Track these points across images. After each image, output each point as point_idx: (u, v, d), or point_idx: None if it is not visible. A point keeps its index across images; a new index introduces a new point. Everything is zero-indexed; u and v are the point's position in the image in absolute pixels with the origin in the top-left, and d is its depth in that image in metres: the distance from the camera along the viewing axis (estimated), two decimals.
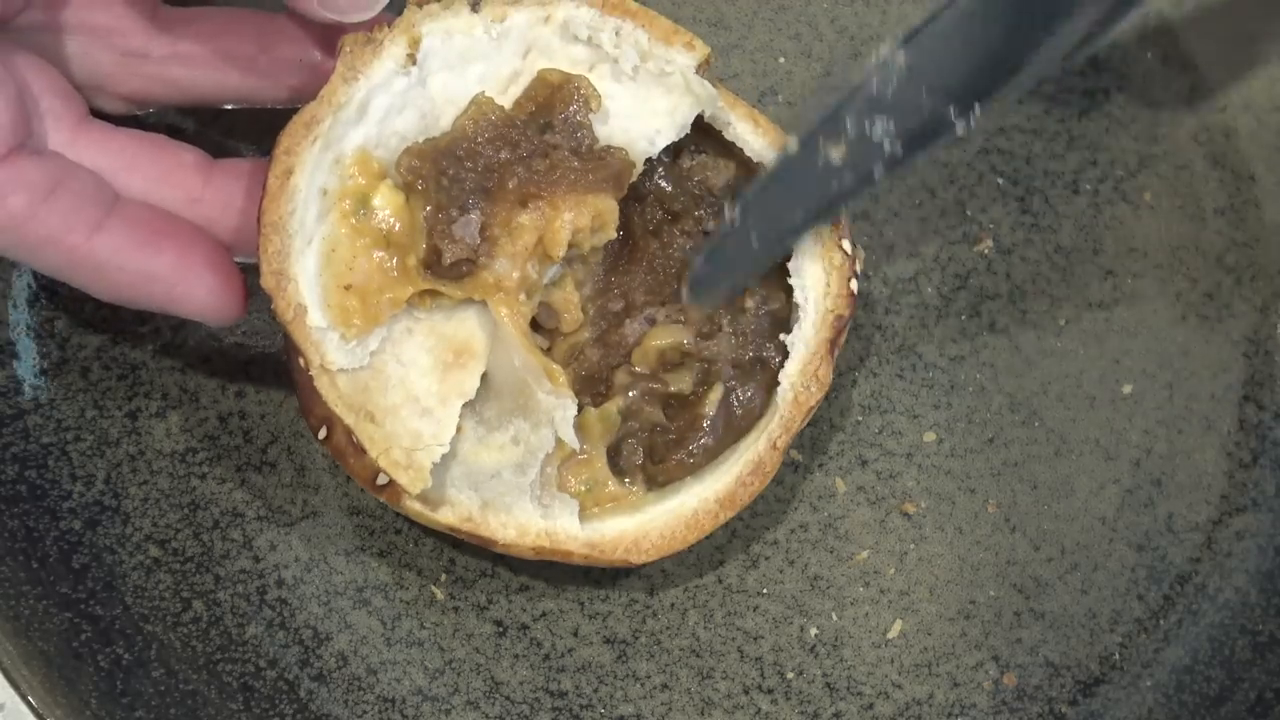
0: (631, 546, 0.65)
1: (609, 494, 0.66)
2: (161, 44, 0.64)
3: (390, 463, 0.61)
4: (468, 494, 0.64)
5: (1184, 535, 0.74)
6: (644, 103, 0.67)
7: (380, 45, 0.63)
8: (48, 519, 0.67)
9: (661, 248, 0.68)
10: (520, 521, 0.64)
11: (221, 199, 0.64)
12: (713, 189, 0.69)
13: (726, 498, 0.66)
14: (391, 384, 0.62)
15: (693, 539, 0.66)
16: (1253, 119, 0.79)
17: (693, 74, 0.66)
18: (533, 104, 0.65)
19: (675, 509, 0.66)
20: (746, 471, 0.66)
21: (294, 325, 0.61)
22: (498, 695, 0.69)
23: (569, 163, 0.63)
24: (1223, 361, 0.76)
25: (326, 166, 0.62)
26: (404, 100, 0.64)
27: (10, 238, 0.59)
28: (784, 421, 0.66)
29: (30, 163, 0.59)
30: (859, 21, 0.80)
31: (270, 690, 0.68)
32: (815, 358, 0.67)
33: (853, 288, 0.67)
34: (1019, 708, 0.71)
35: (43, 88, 0.61)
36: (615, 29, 0.66)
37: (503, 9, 0.65)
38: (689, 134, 0.67)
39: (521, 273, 0.63)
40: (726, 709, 0.70)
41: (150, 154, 0.64)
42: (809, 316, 0.67)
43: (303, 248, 0.61)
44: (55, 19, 0.63)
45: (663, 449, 0.66)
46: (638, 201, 0.68)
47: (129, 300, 0.63)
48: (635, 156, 0.65)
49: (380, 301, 0.62)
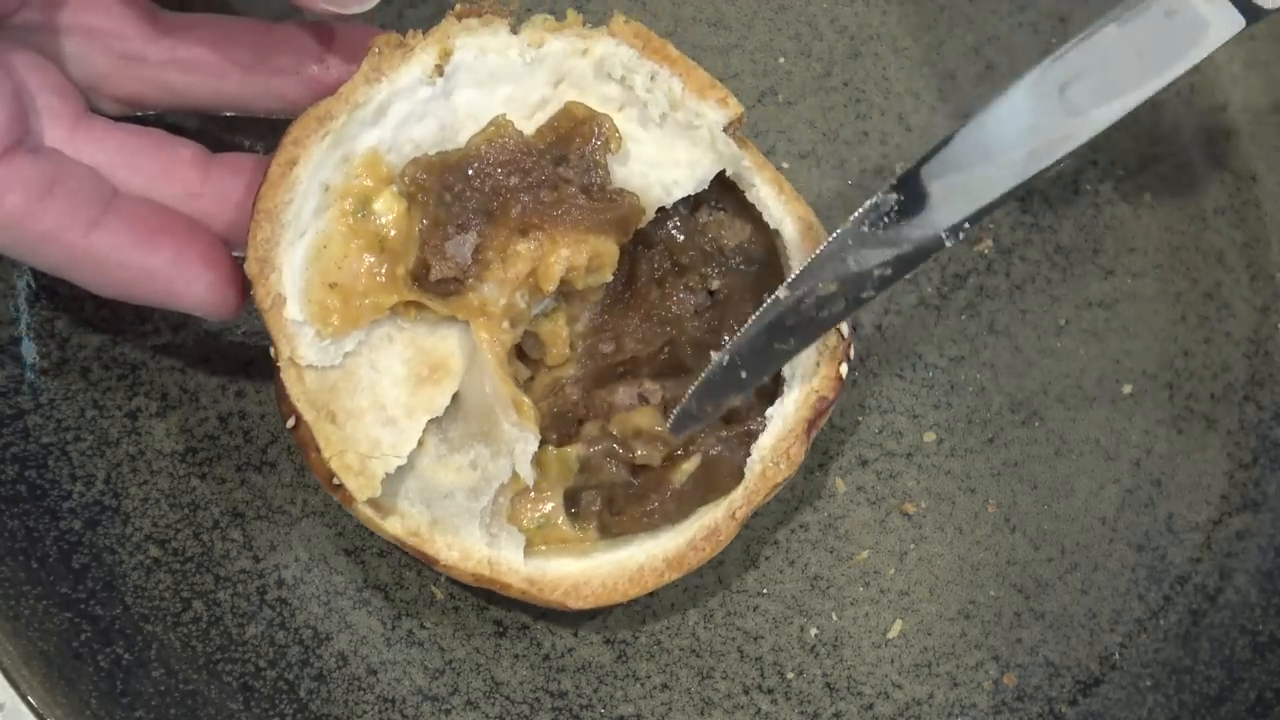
0: (571, 590, 0.64)
1: (559, 534, 0.66)
2: (159, 49, 0.64)
3: (342, 465, 0.61)
4: (419, 509, 0.63)
5: (1184, 535, 0.74)
6: (667, 152, 0.66)
7: (410, 51, 0.63)
8: (48, 519, 0.67)
9: (662, 298, 0.68)
10: (465, 545, 0.63)
11: (220, 194, 0.64)
12: (724, 248, 0.68)
13: (675, 559, 0.65)
14: (361, 388, 0.62)
15: (633, 593, 0.65)
16: (1253, 119, 0.79)
17: (720, 131, 0.66)
18: (553, 134, 0.64)
19: (622, 561, 0.65)
20: (700, 536, 0.65)
21: (270, 314, 0.61)
22: (498, 695, 0.69)
23: (576, 199, 0.63)
24: (1223, 361, 0.76)
25: (333, 163, 0.62)
26: (425, 109, 0.64)
27: (8, 235, 0.59)
28: (747, 494, 0.65)
29: (27, 160, 0.59)
30: (859, 21, 0.80)
31: (270, 690, 0.68)
32: (791, 435, 0.66)
33: (842, 372, 0.66)
34: (1019, 708, 0.71)
35: (40, 84, 0.61)
36: (651, 73, 0.66)
37: (542, 35, 0.65)
38: (711, 188, 0.67)
39: (508, 300, 0.63)
40: (726, 709, 0.70)
41: (148, 149, 0.64)
42: (793, 393, 0.66)
43: (294, 239, 0.61)
44: (52, 19, 0.63)
45: (622, 501, 0.65)
46: (647, 247, 0.68)
47: (128, 296, 0.63)
48: (648, 204, 0.65)
49: (362, 305, 0.62)
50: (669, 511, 0.65)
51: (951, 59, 0.79)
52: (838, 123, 0.78)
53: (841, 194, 0.77)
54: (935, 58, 0.79)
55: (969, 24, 0.80)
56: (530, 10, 0.77)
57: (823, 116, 0.78)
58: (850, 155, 0.77)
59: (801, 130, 0.77)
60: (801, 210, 0.67)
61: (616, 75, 0.65)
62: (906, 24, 0.79)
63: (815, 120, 0.78)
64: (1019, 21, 0.80)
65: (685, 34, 0.78)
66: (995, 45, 0.79)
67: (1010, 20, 0.80)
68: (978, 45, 0.79)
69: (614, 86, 0.66)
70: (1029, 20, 0.80)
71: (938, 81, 0.79)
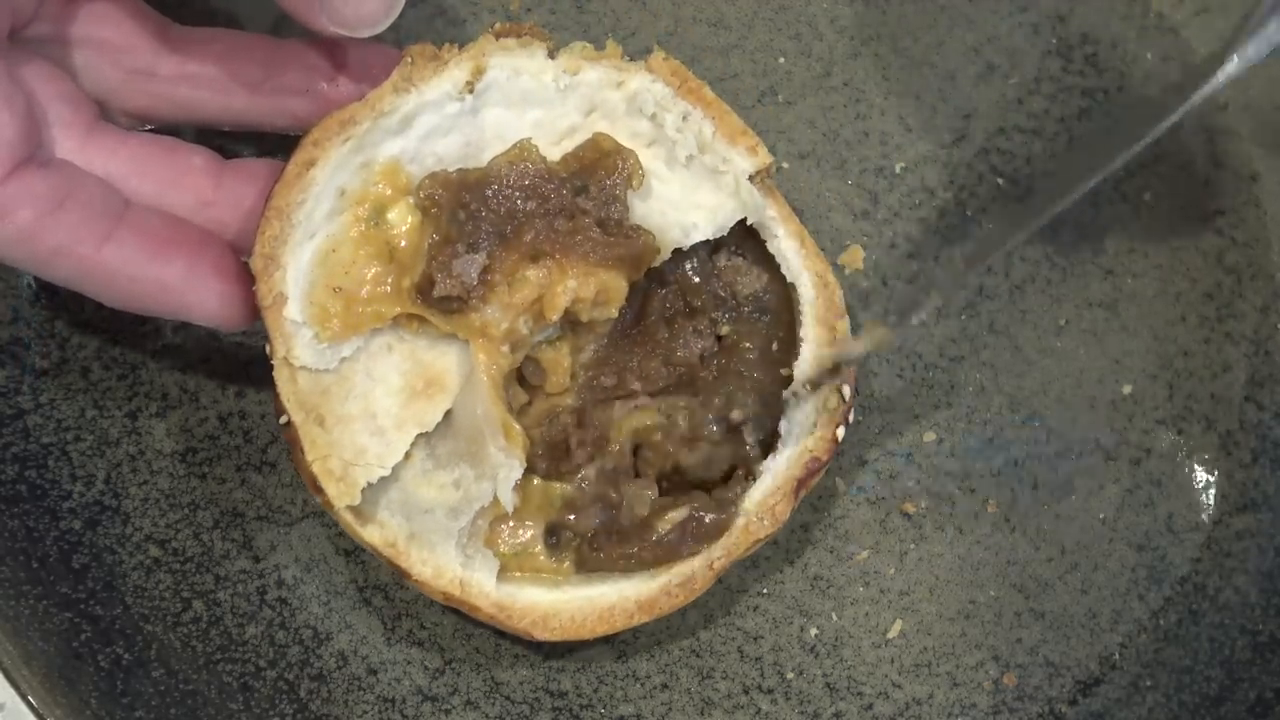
0: (539, 620, 0.64)
1: (534, 563, 0.65)
2: (169, 63, 0.64)
3: (324, 470, 0.61)
4: (399, 520, 0.63)
5: (1184, 535, 0.74)
6: (690, 194, 0.65)
7: (444, 65, 0.63)
8: (48, 519, 0.67)
9: (670, 338, 0.67)
10: (440, 563, 0.63)
11: (232, 201, 0.64)
12: (738, 295, 0.68)
13: (647, 603, 0.65)
14: (354, 394, 0.62)
15: (600, 631, 0.64)
16: (1253, 119, 0.79)
17: (745, 179, 0.65)
18: (577, 163, 0.64)
19: (593, 598, 0.65)
20: (675, 583, 0.65)
21: (270, 312, 0.61)
22: (498, 695, 0.69)
23: (591, 231, 0.63)
24: (1223, 361, 0.76)
25: (353, 168, 0.62)
26: (452, 124, 0.63)
27: (20, 250, 0.59)
28: (728, 547, 0.65)
29: (38, 175, 0.59)
30: (859, 21, 0.79)
31: (270, 690, 0.68)
32: (778, 492, 0.65)
33: (838, 434, 0.66)
34: (1019, 708, 0.71)
35: (51, 95, 0.61)
36: (683, 113, 0.65)
37: (579, 62, 0.65)
38: (733, 233, 0.66)
39: (511, 324, 0.63)
40: (726, 709, 0.70)
41: (160, 158, 0.63)
42: (786, 450, 0.66)
43: (302, 240, 0.61)
44: (63, 32, 0.63)
45: (603, 538, 0.65)
46: (661, 285, 0.67)
47: (140, 308, 0.63)
48: (665, 244, 0.64)
49: (364, 312, 0.62)
50: (647, 559, 0.65)
51: (951, 59, 0.79)
52: (838, 123, 0.78)
53: (841, 194, 0.77)
54: (935, 58, 0.79)
55: (969, 24, 0.80)
56: (530, 10, 0.77)
57: (823, 116, 0.78)
58: (850, 155, 0.77)
59: (801, 130, 0.77)
60: (820, 266, 0.67)
61: (648, 112, 0.65)
62: (906, 24, 0.79)
63: (815, 120, 0.78)
64: (1019, 21, 0.80)
65: (685, 34, 0.78)
66: (995, 45, 0.79)
67: (1010, 20, 0.80)
68: (978, 45, 0.79)
69: (645, 123, 0.65)
70: (1029, 20, 0.80)
71: (938, 81, 0.79)
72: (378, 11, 0.59)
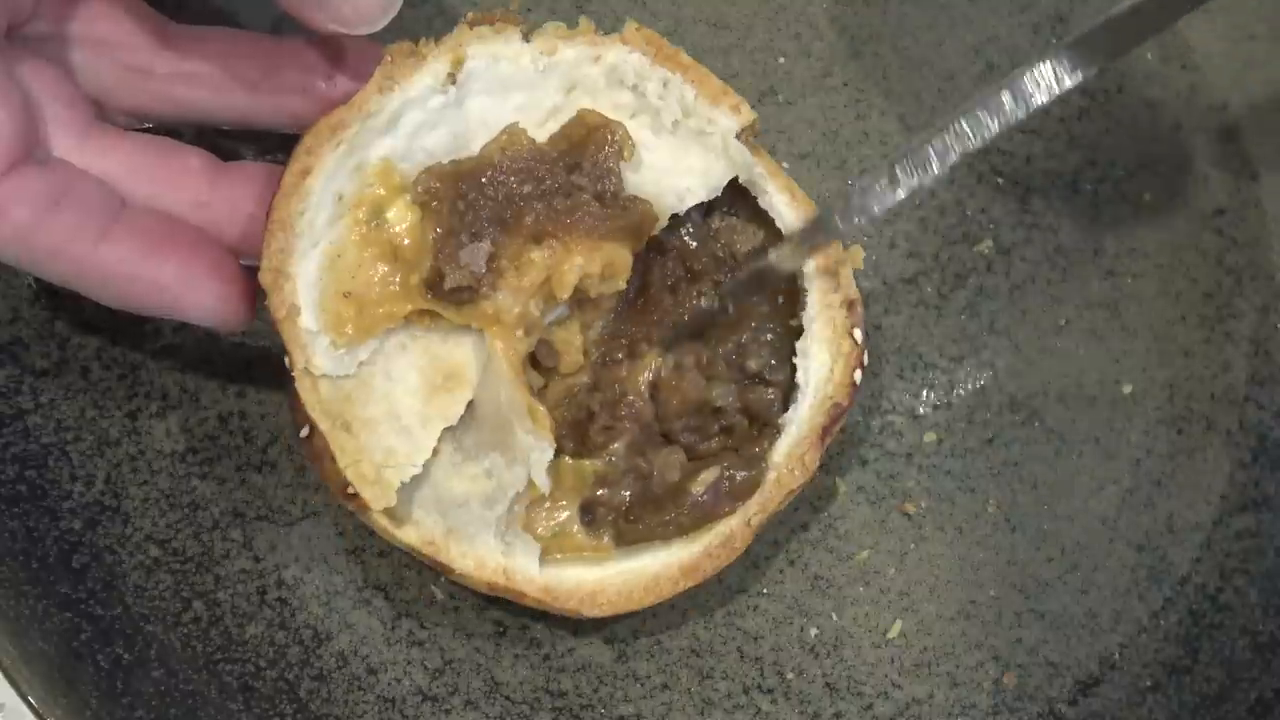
0: (586, 598, 0.64)
1: (574, 542, 0.65)
2: (166, 61, 0.64)
3: (358, 475, 0.60)
4: (434, 518, 0.63)
5: (1184, 535, 0.74)
6: (679, 159, 0.66)
7: (423, 60, 0.63)
8: (48, 519, 0.67)
9: (675, 304, 0.67)
10: (480, 554, 0.63)
11: (229, 203, 0.64)
12: (736, 254, 0.68)
13: (691, 566, 0.65)
14: (375, 397, 0.62)
15: (649, 602, 0.65)
16: (1254, 119, 0.79)
17: (733, 138, 0.66)
18: (566, 142, 0.64)
19: (637, 569, 0.65)
20: (716, 544, 0.65)
21: (285, 324, 0.61)
22: (498, 695, 0.69)
23: (590, 206, 0.63)
24: (1223, 361, 0.76)
25: (347, 172, 0.62)
26: (438, 118, 0.63)
27: (16, 249, 0.59)
28: (763, 501, 0.65)
29: (35, 173, 0.58)
30: (859, 21, 0.79)
31: (270, 690, 0.68)
32: (805, 442, 0.66)
33: (856, 378, 0.66)
34: (1019, 708, 0.71)
35: (49, 94, 0.61)
36: (663, 80, 0.66)
37: (554, 42, 0.65)
38: (724, 194, 0.67)
39: (523, 309, 0.63)
40: (726, 709, 0.70)
41: (157, 158, 0.63)
42: (807, 399, 0.66)
43: (307, 249, 0.61)
44: (61, 30, 0.63)
45: (639, 509, 0.65)
46: (660, 254, 0.68)
47: (137, 308, 0.63)
48: (661, 211, 0.65)
49: (377, 314, 0.62)
50: (685, 523, 0.65)
51: (951, 59, 0.79)
52: (838, 123, 0.78)
53: (841, 194, 0.76)
54: (935, 58, 0.79)
55: (969, 24, 0.80)
56: (530, 10, 0.77)
57: (823, 116, 0.78)
58: (850, 155, 0.77)
59: (801, 130, 0.77)
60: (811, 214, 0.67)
61: (629, 82, 0.65)
62: (906, 24, 0.79)
63: (815, 120, 0.78)
64: (1019, 21, 0.80)
65: (685, 34, 0.78)
66: (995, 45, 0.79)
67: (1010, 20, 0.80)
68: (978, 45, 0.79)
69: (626, 94, 0.66)
70: (1029, 20, 0.80)
71: (938, 81, 0.79)
72: (376, 9, 0.58)
